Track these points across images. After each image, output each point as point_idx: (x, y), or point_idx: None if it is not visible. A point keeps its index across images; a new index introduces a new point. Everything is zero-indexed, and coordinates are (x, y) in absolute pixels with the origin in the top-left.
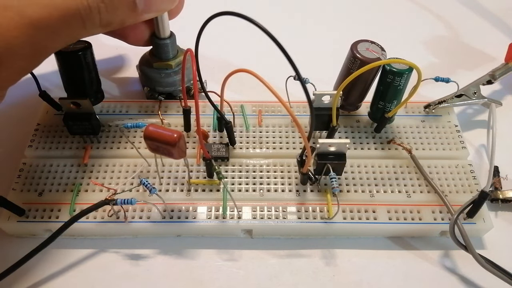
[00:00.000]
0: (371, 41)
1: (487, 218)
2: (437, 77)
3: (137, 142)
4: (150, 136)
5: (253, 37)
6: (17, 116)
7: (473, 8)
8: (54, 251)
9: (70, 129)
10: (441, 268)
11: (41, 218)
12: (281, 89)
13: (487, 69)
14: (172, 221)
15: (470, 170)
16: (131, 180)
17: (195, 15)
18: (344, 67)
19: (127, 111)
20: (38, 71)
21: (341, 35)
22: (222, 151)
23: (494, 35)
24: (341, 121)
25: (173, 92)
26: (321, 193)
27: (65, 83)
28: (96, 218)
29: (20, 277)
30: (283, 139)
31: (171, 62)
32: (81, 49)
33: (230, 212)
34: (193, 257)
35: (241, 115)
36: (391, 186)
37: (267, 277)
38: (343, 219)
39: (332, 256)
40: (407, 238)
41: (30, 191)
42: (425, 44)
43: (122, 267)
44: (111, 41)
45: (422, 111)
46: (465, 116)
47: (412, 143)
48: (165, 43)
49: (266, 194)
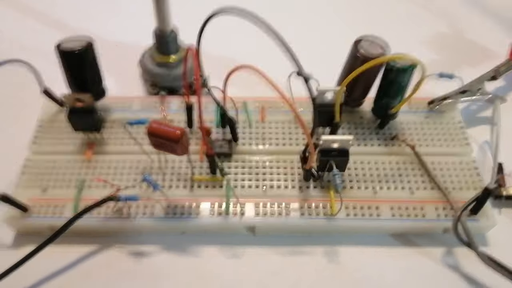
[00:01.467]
0: (374, 36)
1: (490, 215)
2: (441, 73)
3: (140, 139)
4: (153, 132)
5: (256, 33)
6: (20, 113)
7: (477, 4)
8: (58, 247)
9: (74, 125)
10: (444, 266)
11: (45, 215)
12: (284, 85)
13: (491, 65)
14: (175, 218)
15: (474, 167)
16: (134, 176)
17: (198, 11)
18: (347, 63)
19: (129, 108)
20: (41, 68)
21: (344, 30)
22: (225, 148)
23: (499, 31)
24: (345, 117)
25: (175, 87)
26: (324, 190)
27: (68, 80)
28: (100, 214)
29: (24, 275)
30: (286, 135)
31: (173, 57)
32: (83, 46)
33: (233, 208)
34: (196, 254)
35: (244, 111)
36: (394, 182)
37: (270, 273)
38: (346, 216)
39: (335, 253)
40: (410, 235)
41: (33, 188)
42: (429, 40)
43: (126, 263)
44: (113, 37)
45: (426, 107)
46: (469, 112)
47: (415, 140)
48: (167, 37)
49: (269, 191)
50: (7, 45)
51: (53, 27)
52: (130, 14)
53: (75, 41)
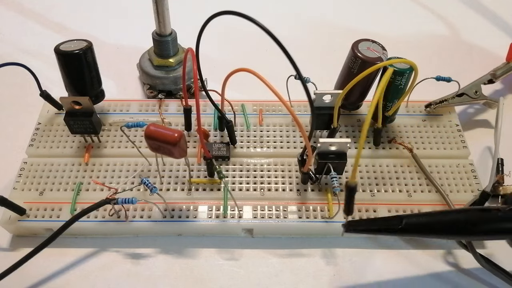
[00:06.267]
0: (372, 40)
1: None
2: (438, 76)
3: (138, 141)
4: (151, 135)
5: (254, 36)
6: (17, 115)
7: (474, 7)
8: (55, 250)
9: (71, 128)
10: (442, 268)
11: (42, 218)
12: (282, 88)
13: (488, 68)
14: (172, 220)
15: (471, 169)
16: (132, 179)
17: (196, 14)
18: (345, 67)
19: (127, 110)
20: (39, 71)
21: (342, 34)
22: (223, 150)
23: (496, 34)
24: (342, 120)
25: (173, 90)
26: (322, 193)
27: (66, 83)
28: (97, 217)
29: (21, 277)
30: (283, 138)
31: (171, 59)
32: (81, 49)
33: (231, 211)
34: (194, 256)
35: (241, 114)
36: (392, 185)
37: (268, 276)
38: (344, 219)
39: (332, 256)
40: (408, 237)
41: (31, 191)
42: (426, 43)
43: (123, 266)
44: (112, 40)
45: (423, 110)
46: (466, 115)
47: (413, 142)
48: (166, 40)
49: (267, 194)
50: (7, 48)
51: (53, 30)
52: (129, 17)
53: (74, 44)
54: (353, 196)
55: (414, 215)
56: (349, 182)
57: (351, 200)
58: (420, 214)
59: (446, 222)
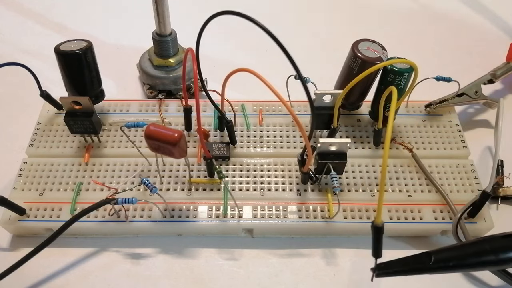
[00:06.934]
0: (372, 40)
1: (488, 217)
2: (438, 76)
3: (138, 141)
4: (151, 135)
5: (254, 36)
6: (17, 115)
7: (474, 7)
8: (55, 250)
9: (71, 128)
10: None
11: (42, 218)
12: (282, 88)
13: (488, 68)
14: (172, 220)
15: (471, 170)
16: (132, 179)
17: (196, 14)
18: (345, 67)
19: (127, 110)
20: (39, 71)
21: (342, 34)
22: (223, 150)
23: (496, 34)
24: (342, 120)
25: (173, 90)
26: (322, 193)
27: (66, 83)
28: (97, 217)
29: (21, 277)
30: (283, 138)
31: (171, 59)
32: (81, 49)
33: (231, 211)
34: (194, 256)
35: (241, 114)
36: (392, 185)
37: (268, 276)
38: (344, 219)
39: (332, 256)
40: (408, 237)
41: (31, 191)
42: (426, 43)
43: (123, 266)
44: (112, 40)
45: (423, 110)
46: (466, 115)
47: (413, 142)
48: (166, 40)
49: (267, 194)
50: (7, 48)
51: (53, 30)
52: (129, 17)
53: (74, 44)
54: (380, 237)
55: (441, 250)
56: (375, 222)
57: (378, 242)
58: (447, 248)
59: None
